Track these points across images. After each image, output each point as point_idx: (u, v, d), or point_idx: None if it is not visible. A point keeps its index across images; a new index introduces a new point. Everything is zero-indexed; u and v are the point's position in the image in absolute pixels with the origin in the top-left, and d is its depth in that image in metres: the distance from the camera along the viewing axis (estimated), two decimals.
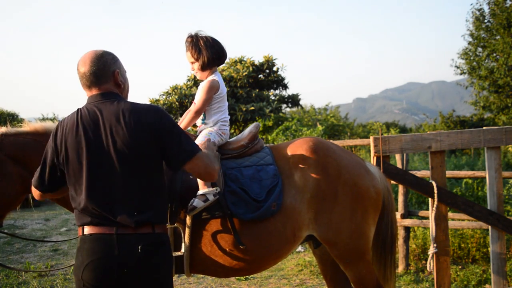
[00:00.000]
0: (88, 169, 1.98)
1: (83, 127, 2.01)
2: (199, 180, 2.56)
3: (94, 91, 2.09)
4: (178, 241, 2.63)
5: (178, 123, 2.79)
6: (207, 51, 2.75)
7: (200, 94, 2.78)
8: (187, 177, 2.63)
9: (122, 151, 1.97)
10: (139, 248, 1.96)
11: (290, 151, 2.78)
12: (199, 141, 2.65)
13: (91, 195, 1.98)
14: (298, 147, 2.77)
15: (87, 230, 2.00)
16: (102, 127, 2.00)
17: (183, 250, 2.57)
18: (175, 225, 2.58)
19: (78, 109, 2.10)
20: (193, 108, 2.77)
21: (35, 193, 2.24)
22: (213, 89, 2.76)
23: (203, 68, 2.80)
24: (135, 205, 2.00)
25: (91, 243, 1.97)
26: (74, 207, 2.06)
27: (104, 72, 2.09)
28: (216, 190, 2.56)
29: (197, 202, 2.51)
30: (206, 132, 2.76)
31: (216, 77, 2.81)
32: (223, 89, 2.84)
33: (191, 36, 2.80)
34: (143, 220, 1.99)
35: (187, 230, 2.56)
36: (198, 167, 2.08)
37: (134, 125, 1.99)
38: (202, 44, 2.76)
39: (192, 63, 2.83)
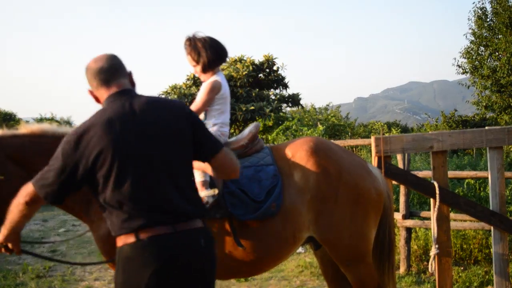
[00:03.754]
0: (138, 167, 1.85)
1: (122, 123, 1.86)
2: (197, 182, 2.51)
3: (114, 88, 1.96)
4: None
5: None
6: (207, 52, 2.72)
7: (201, 95, 2.75)
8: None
9: (169, 142, 1.91)
10: (202, 242, 1.91)
11: (290, 151, 2.74)
12: None
13: (144, 195, 1.86)
14: (298, 147, 2.73)
15: (142, 234, 1.83)
16: (144, 120, 1.90)
17: None
18: None
19: (104, 107, 1.94)
20: (193, 108, 2.72)
21: (33, 200, 1.93)
22: (214, 90, 2.73)
23: (204, 70, 2.78)
24: (186, 199, 1.92)
25: (153, 247, 1.82)
26: (115, 213, 1.88)
27: (121, 68, 2.02)
28: (215, 192, 2.52)
29: None
30: None
31: (218, 77, 2.78)
32: (226, 90, 2.80)
33: (189, 39, 2.76)
34: (196, 214, 1.94)
35: None
36: (226, 159, 2.07)
37: (175, 115, 1.96)
38: (201, 46, 2.72)
39: (194, 66, 2.81)
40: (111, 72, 1.97)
